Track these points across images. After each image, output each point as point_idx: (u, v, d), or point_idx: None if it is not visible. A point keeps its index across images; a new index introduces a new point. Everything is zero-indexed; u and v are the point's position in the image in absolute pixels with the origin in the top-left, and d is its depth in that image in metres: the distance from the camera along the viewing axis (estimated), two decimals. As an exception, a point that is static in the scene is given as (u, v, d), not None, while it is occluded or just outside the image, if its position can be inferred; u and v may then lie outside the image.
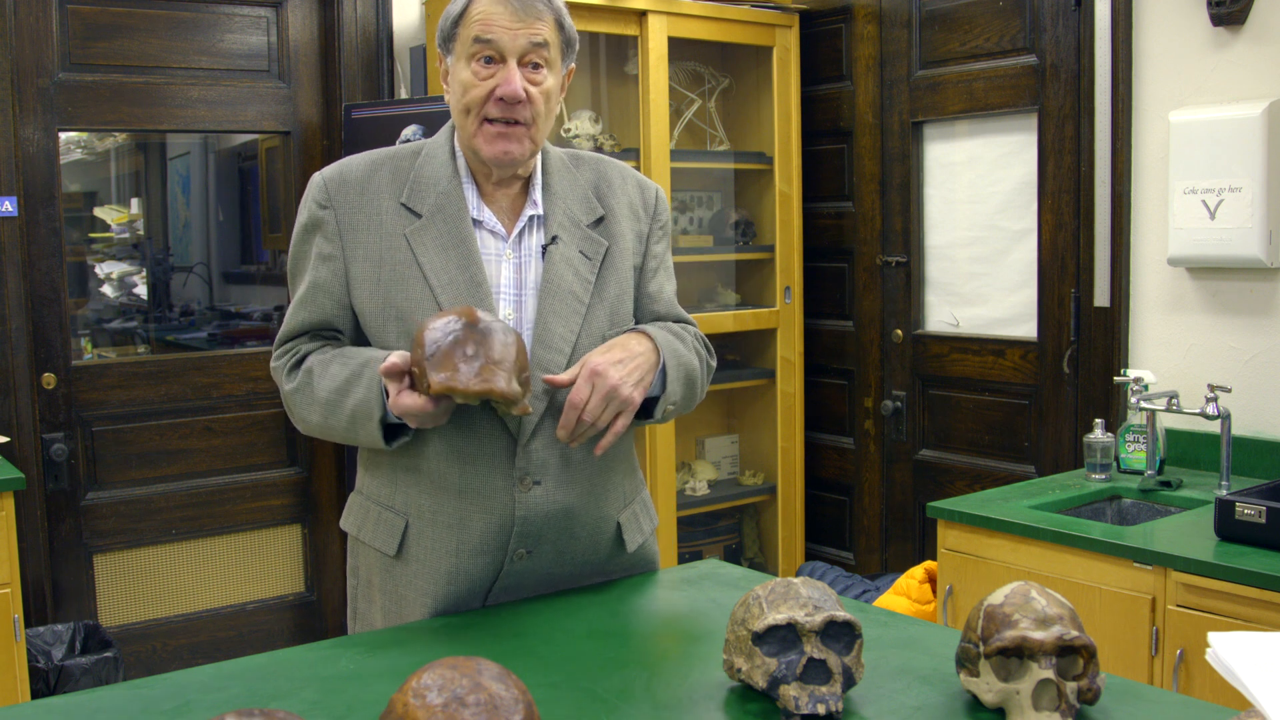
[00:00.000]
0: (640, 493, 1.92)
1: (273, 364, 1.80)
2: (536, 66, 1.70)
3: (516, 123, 1.69)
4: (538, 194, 1.78)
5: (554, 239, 1.75)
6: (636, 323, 1.85)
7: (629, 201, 1.85)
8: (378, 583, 1.80)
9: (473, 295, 1.69)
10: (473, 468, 1.70)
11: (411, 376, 1.58)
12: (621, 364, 1.67)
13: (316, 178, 1.78)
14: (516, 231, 1.76)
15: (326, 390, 1.69)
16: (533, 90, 1.69)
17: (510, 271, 1.74)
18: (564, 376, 1.67)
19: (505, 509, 1.70)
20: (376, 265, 1.72)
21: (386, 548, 1.77)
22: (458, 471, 1.70)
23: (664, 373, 1.74)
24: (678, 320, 1.90)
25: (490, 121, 1.69)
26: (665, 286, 1.89)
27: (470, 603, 1.75)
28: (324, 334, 1.78)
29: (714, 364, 1.92)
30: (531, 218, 1.77)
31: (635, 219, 1.85)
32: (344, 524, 1.87)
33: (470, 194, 1.76)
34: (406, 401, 1.57)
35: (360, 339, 1.78)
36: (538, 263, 1.75)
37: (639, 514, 1.89)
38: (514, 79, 1.67)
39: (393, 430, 1.68)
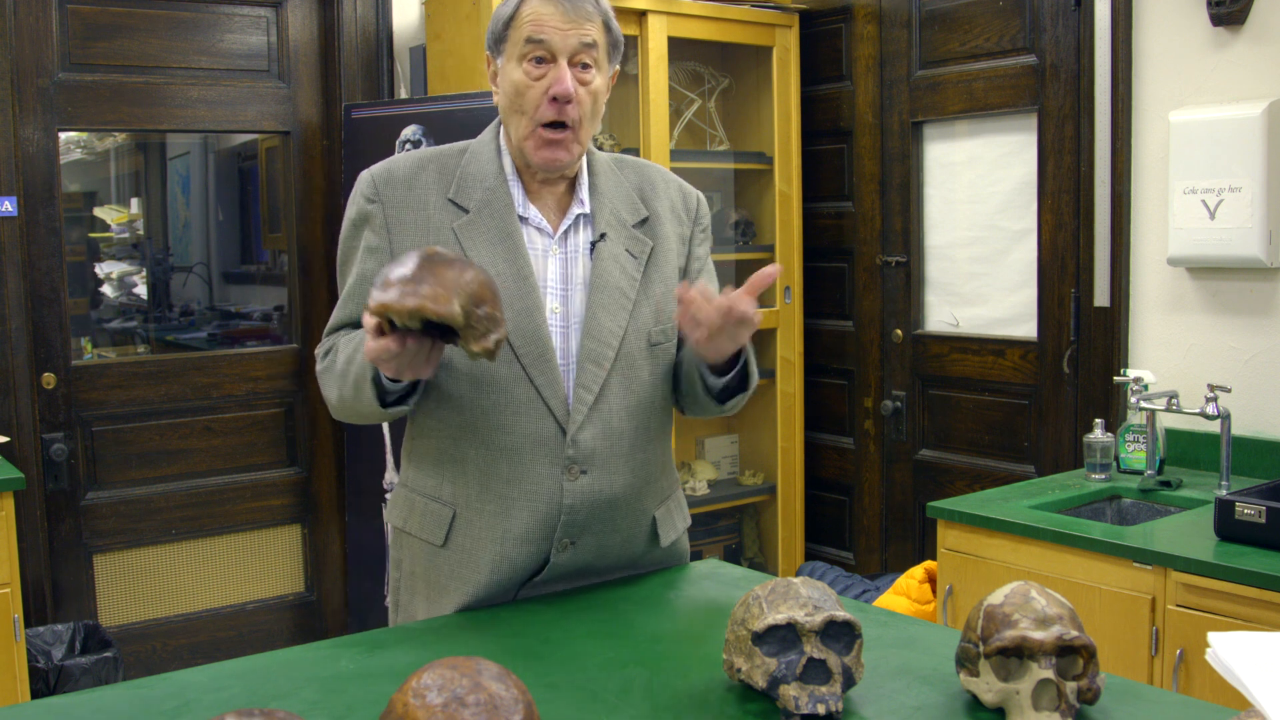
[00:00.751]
0: (675, 491, 1.95)
1: (317, 353, 1.84)
2: (585, 66, 1.74)
3: (565, 127, 1.72)
4: (584, 193, 1.82)
5: (602, 236, 1.79)
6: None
7: (671, 204, 1.89)
8: (421, 573, 1.82)
9: (520, 289, 1.72)
10: (519, 456, 1.73)
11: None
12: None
13: (365, 174, 1.81)
14: (563, 229, 1.79)
15: (341, 363, 1.72)
16: (581, 90, 1.73)
17: (557, 267, 1.78)
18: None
19: (553, 498, 1.73)
20: None
21: (434, 538, 1.78)
22: (505, 460, 1.73)
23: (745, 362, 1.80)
24: None
25: (543, 126, 1.72)
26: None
27: (505, 596, 1.77)
28: None
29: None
30: (578, 216, 1.81)
31: (678, 222, 1.89)
32: (389, 517, 1.90)
33: (516, 191, 1.79)
34: (370, 344, 1.51)
35: None
36: (585, 259, 1.79)
37: (673, 511, 1.93)
38: (565, 78, 1.70)
39: (397, 400, 1.68)
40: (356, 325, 1.79)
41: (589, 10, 1.73)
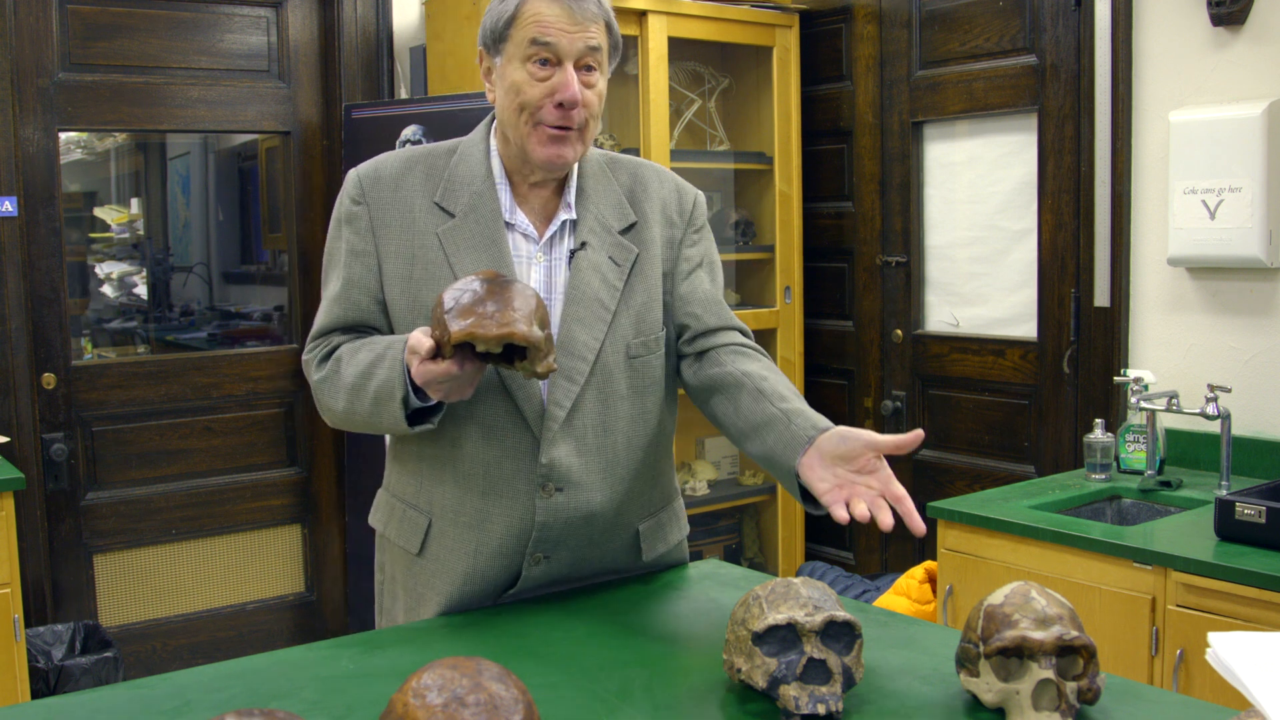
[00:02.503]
0: (671, 503, 1.90)
1: (304, 357, 1.80)
2: (590, 69, 1.70)
3: (570, 127, 1.69)
4: (571, 197, 1.77)
5: (583, 245, 1.74)
6: (669, 328, 1.82)
7: (663, 207, 1.83)
8: (401, 579, 1.81)
9: None
10: (496, 470, 1.70)
11: (438, 347, 1.53)
12: None
13: (352, 174, 1.79)
14: (548, 236, 1.75)
15: (351, 375, 1.68)
16: (588, 93, 1.69)
17: (540, 275, 1.74)
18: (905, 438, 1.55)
19: (526, 512, 1.71)
20: (409, 263, 1.72)
21: (410, 545, 1.77)
22: (482, 472, 1.71)
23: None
24: (725, 328, 1.84)
25: (546, 125, 1.68)
26: (700, 287, 1.85)
27: (482, 604, 1.75)
28: (359, 330, 1.77)
29: None
30: (565, 222, 1.77)
31: (668, 225, 1.83)
32: (372, 520, 1.88)
33: (504, 195, 1.76)
34: (430, 367, 1.52)
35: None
36: (567, 268, 1.75)
37: (666, 523, 1.88)
38: (572, 83, 1.67)
39: (418, 416, 1.66)
40: (348, 329, 1.76)
41: (593, 12, 1.69)
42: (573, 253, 1.75)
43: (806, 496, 1.62)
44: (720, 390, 1.77)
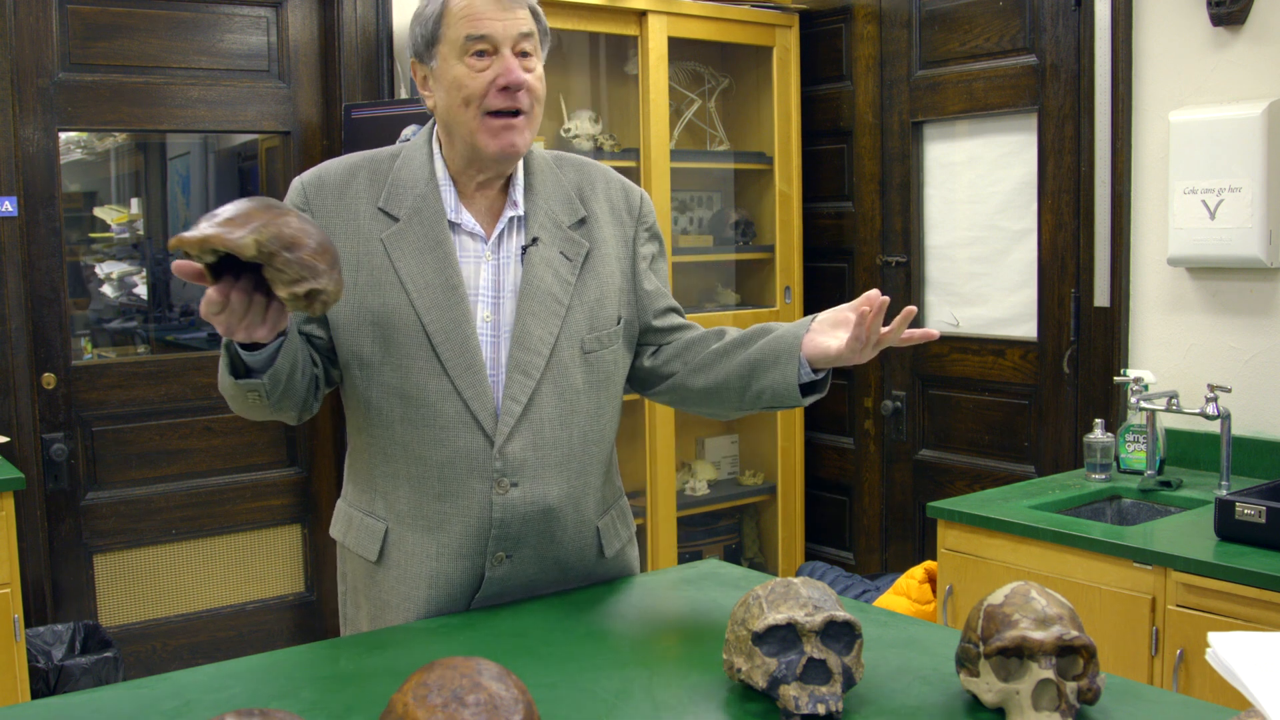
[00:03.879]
0: (619, 500, 1.91)
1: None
2: (526, 55, 1.70)
3: (518, 113, 1.69)
4: (518, 194, 1.77)
5: (534, 240, 1.75)
6: (640, 321, 1.85)
7: (612, 205, 1.84)
8: (363, 589, 1.81)
9: (449, 299, 1.69)
10: (451, 470, 1.70)
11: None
12: None
13: (296, 182, 1.78)
14: (496, 234, 1.75)
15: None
16: (529, 77, 1.69)
17: (489, 274, 1.74)
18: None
19: (483, 511, 1.70)
20: (354, 270, 1.71)
21: (368, 554, 1.77)
22: (436, 475, 1.70)
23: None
24: (683, 318, 1.91)
25: (493, 115, 1.68)
26: (657, 284, 1.89)
27: (453, 609, 1.75)
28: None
29: None
30: (512, 219, 1.77)
31: (619, 223, 1.84)
32: (332, 531, 1.89)
33: (449, 196, 1.75)
34: (206, 292, 1.42)
35: (331, 346, 1.75)
36: (517, 265, 1.75)
37: (616, 521, 1.89)
38: (514, 67, 1.67)
39: (250, 372, 1.58)
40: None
41: None
42: (524, 248, 1.75)
43: (807, 391, 1.69)
44: (698, 343, 1.82)
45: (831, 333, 1.67)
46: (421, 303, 1.69)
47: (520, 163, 1.79)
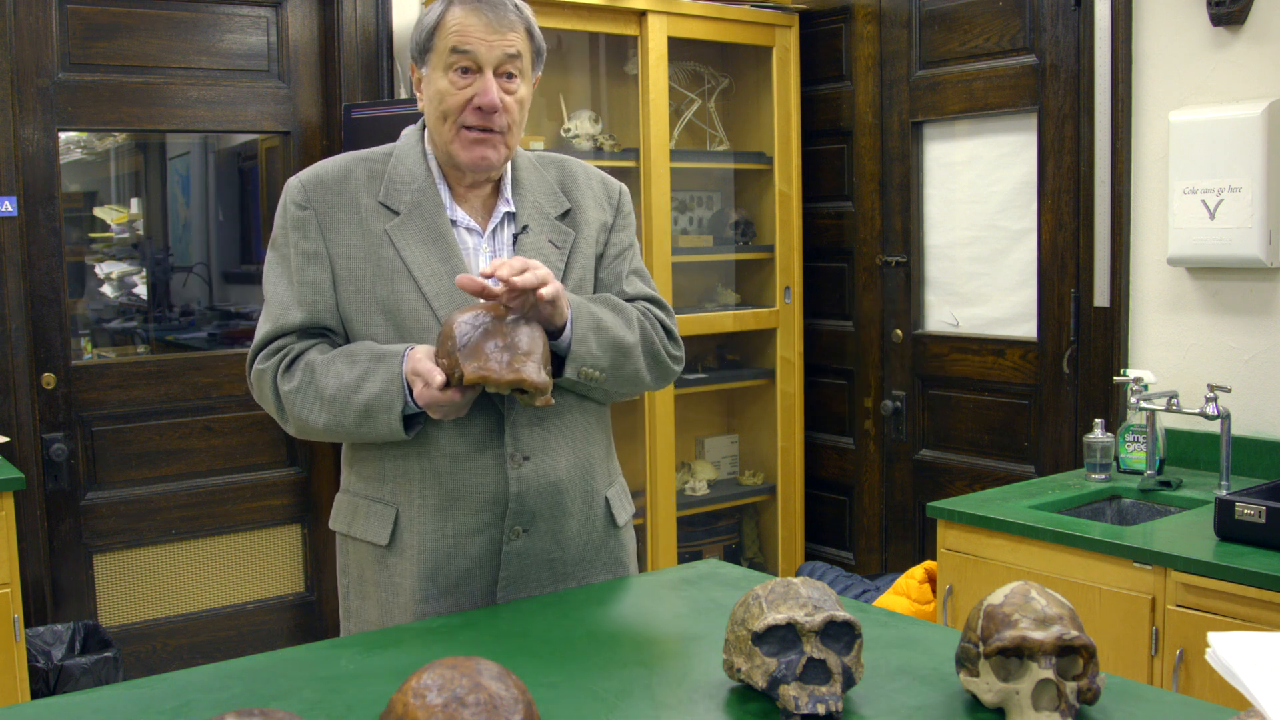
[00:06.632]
0: (619, 477, 1.98)
1: (257, 367, 1.78)
2: (510, 76, 1.77)
3: (492, 130, 1.75)
4: (509, 192, 1.85)
5: (524, 228, 1.83)
6: None
7: (594, 195, 1.93)
8: (370, 576, 1.83)
9: (454, 287, 1.74)
10: (463, 449, 1.75)
11: (442, 371, 1.63)
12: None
13: (293, 181, 1.83)
14: (491, 228, 1.83)
15: (335, 388, 1.71)
16: (508, 99, 1.76)
17: (486, 262, 1.80)
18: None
19: (498, 486, 1.75)
20: (361, 262, 1.77)
21: (378, 538, 1.80)
22: (448, 454, 1.75)
23: (572, 325, 1.72)
24: (644, 299, 1.92)
25: (467, 129, 1.75)
26: (624, 275, 1.92)
27: (472, 590, 1.77)
28: (314, 332, 1.79)
29: (674, 350, 1.90)
30: (505, 214, 1.84)
31: (600, 210, 1.93)
32: (333, 524, 1.90)
33: (444, 194, 1.83)
34: (437, 395, 1.61)
35: (346, 339, 1.81)
36: (511, 253, 1.82)
37: (620, 495, 1.96)
38: (491, 89, 1.74)
39: (409, 422, 1.72)
40: (304, 333, 1.77)
41: (512, 19, 1.76)
42: (515, 235, 1.83)
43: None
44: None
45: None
46: (430, 289, 1.75)
47: (509, 165, 1.87)
